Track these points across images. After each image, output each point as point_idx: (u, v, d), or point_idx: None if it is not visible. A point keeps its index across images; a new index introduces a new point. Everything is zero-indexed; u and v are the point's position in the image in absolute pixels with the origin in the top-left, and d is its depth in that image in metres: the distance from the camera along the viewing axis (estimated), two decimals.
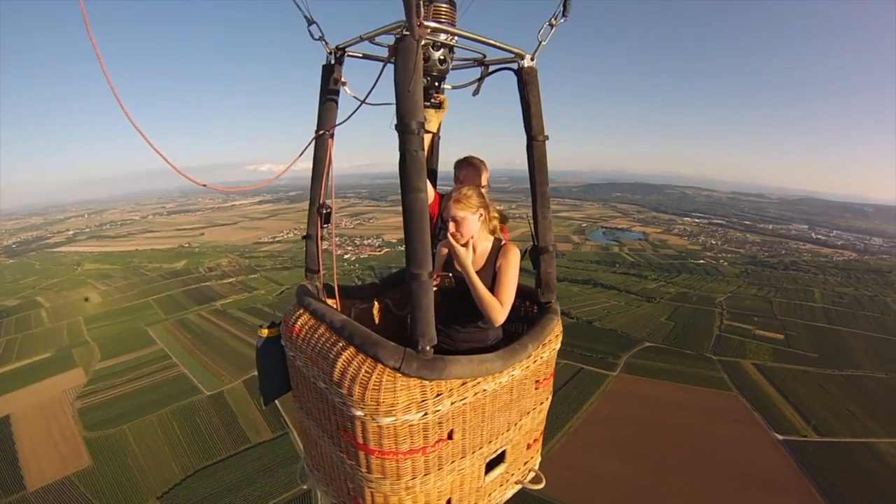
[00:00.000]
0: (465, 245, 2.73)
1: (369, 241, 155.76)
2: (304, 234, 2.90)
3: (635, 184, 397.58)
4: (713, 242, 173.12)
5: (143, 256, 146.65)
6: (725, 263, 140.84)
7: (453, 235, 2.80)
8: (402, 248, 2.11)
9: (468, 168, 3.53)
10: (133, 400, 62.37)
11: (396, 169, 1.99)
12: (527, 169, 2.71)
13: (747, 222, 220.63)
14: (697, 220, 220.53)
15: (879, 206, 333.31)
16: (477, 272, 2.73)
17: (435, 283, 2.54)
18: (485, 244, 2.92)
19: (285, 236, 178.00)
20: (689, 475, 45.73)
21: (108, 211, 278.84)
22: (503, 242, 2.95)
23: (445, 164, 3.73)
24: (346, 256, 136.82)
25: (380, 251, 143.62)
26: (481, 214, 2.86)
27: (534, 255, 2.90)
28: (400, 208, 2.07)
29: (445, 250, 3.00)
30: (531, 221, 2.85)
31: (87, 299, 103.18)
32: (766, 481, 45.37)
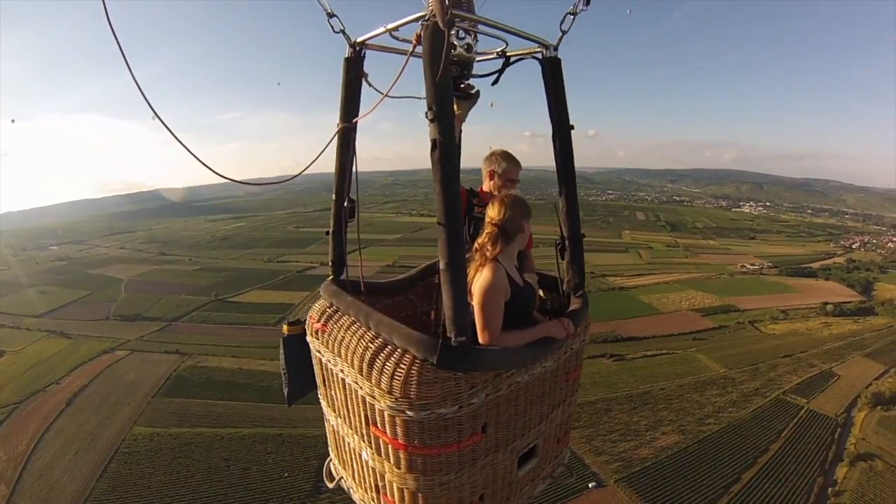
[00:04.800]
0: None
1: None
2: (328, 229, 2.83)
3: None
4: None
5: None
6: None
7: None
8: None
9: (509, 161, 3.40)
10: None
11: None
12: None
13: None
14: None
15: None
16: None
17: None
18: None
19: None
20: None
21: None
22: None
23: (467, 158, 3.60)
24: None
25: None
26: None
27: (561, 245, 2.82)
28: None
29: None
30: (559, 211, 2.78)
31: None
32: None
